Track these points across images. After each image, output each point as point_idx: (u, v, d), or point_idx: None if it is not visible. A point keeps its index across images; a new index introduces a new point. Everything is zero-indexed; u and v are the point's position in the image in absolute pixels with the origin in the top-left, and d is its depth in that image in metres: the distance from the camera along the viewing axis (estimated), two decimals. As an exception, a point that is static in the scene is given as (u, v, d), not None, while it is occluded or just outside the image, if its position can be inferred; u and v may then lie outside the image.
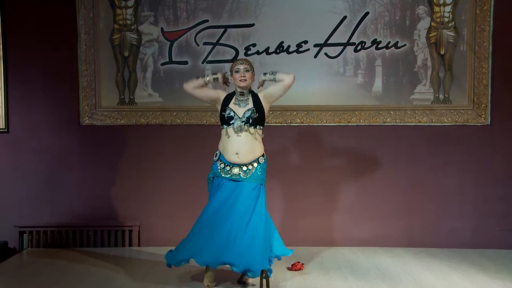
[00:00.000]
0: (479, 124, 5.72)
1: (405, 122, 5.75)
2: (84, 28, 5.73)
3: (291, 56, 5.72)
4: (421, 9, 5.72)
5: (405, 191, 5.76)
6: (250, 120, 4.44)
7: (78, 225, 5.76)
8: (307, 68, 5.70)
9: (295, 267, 4.91)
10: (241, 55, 5.72)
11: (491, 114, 5.71)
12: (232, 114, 4.47)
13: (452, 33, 5.70)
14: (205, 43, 5.77)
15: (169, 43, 5.77)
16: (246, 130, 4.45)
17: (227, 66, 5.72)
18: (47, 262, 5.19)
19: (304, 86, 5.56)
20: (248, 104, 4.49)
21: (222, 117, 4.52)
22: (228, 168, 4.46)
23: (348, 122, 5.77)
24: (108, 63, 5.78)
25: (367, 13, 5.72)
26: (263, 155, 4.53)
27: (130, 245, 5.77)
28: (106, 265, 5.10)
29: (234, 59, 5.68)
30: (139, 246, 5.78)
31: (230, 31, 5.75)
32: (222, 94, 4.59)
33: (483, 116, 5.71)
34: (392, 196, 5.76)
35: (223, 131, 4.52)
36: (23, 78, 5.77)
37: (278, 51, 5.71)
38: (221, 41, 5.75)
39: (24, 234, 5.74)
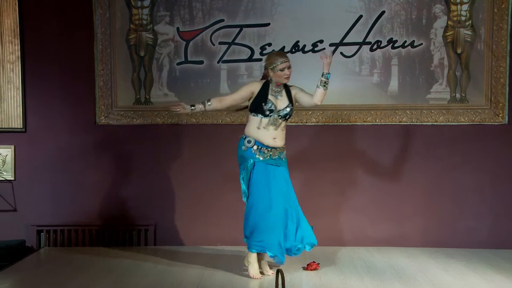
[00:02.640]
0: (496, 124, 5.68)
1: (422, 122, 5.72)
2: (100, 28, 5.76)
3: (307, 56, 5.71)
4: (438, 8, 5.68)
5: (421, 190, 5.73)
6: (287, 117, 4.65)
7: (94, 224, 5.79)
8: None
9: (310, 267, 4.90)
10: (257, 55, 5.72)
11: (508, 114, 5.66)
12: (273, 107, 4.61)
13: (469, 32, 5.66)
14: (220, 43, 5.78)
15: (184, 42, 5.78)
16: (281, 123, 4.64)
17: (243, 65, 5.76)
18: (64, 261, 5.23)
19: (320, 85, 5.54)
20: (282, 96, 4.64)
21: (260, 108, 4.60)
22: (267, 151, 4.62)
23: (364, 121, 5.75)
24: (124, 63, 5.81)
25: (383, 12, 5.70)
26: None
27: (146, 244, 5.79)
28: (123, 263, 5.12)
29: (249, 59, 5.73)
30: (155, 245, 5.80)
31: (245, 30, 5.75)
32: (256, 87, 4.67)
33: (500, 115, 5.67)
34: (408, 195, 5.73)
35: (256, 120, 4.62)
36: (40, 77, 5.82)
37: (293, 50, 5.70)
38: (236, 41, 5.76)
39: (42, 233, 5.78)
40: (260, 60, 5.72)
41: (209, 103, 4.67)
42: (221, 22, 5.76)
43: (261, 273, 4.66)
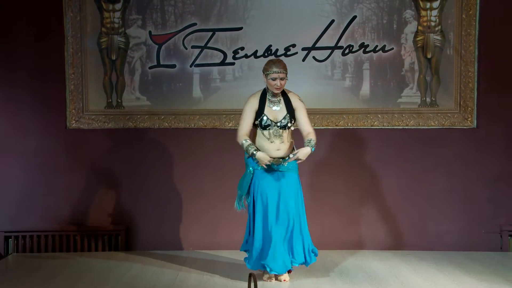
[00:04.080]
0: (465, 127, 5.76)
1: (393, 126, 5.78)
2: (71, 31, 5.70)
3: (279, 60, 5.71)
4: (408, 13, 5.76)
5: (393, 194, 5.79)
6: (286, 127, 4.59)
7: (64, 229, 5.72)
8: (295, 72, 5.65)
9: (283, 271, 4.90)
10: (229, 59, 5.72)
11: (477, 118, 5.75)
12: (269, 122, 4.57)
13: (438, 37, 5.74)
14: (193, 47, 5.76)
15: (157, 46, 5.75)
16: (282, 133, 4.59)
17: (215, 69, 5.75)
18: (33, 268, 5.15)
19: (292, 89, 5.55)
20: (280, 106, 4.60)
21: (259, 124, 4.58)
22: (271, 158, 4.54)
23: (336, 125, 5.78)
24: (96, 67, 5.75)
25: (354, 17, 5.75)
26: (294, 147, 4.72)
27: (117, 249, 5.74)
28: (94, 269, 5.07)
29: (222, 63, 5.72)
30: (126, 250, 5.74)
31: (218, 34, 5.75)
32: (255, 103, 4.61)
33: (469, 119, 5.76)
34: (379, 199, 5.78)
35: (259, 133, 4.61)
36: (8, 81, 5.73)
37: (266, 54, 5.71)
38: (209, 45, 5.75)
39: (10, 239, 5.68)
40: (233, 64, 5.74)
41: (247, 143, 4.53)
42: (194, 26, 5.75)
43: (277, 279, 4.66)
